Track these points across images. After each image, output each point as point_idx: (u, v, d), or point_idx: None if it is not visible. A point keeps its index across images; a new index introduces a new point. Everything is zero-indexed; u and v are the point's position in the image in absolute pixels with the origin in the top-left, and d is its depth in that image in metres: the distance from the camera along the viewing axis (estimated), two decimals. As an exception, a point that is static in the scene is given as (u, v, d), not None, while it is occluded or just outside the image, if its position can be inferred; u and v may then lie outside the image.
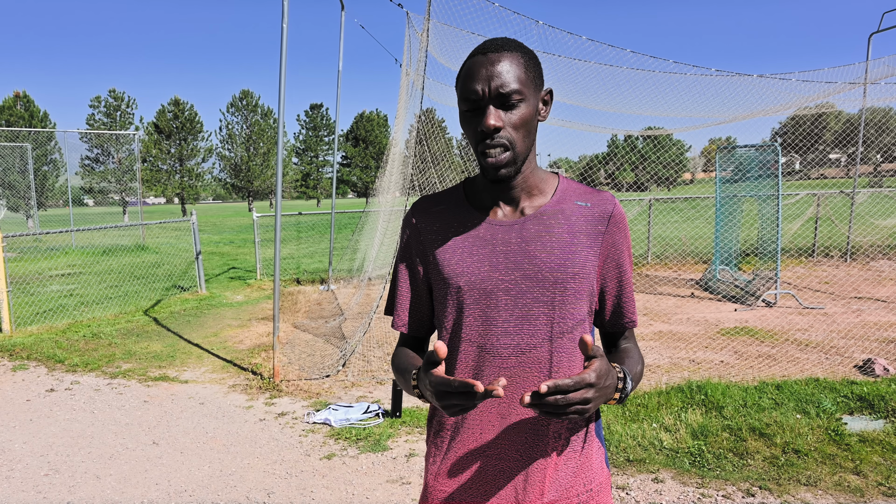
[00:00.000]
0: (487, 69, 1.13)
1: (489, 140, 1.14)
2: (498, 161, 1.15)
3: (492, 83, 1.13)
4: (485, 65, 1.14)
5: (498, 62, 1.14)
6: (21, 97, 43.45)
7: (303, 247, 17.42)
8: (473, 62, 1.16)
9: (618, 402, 1.11)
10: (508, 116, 1.15)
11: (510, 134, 1.15)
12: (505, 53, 1.15)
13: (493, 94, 1.13)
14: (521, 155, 1.18)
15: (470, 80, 1.15)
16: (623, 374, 1.12)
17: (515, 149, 1.16)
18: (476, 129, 1.16)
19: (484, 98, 1.14)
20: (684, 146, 51.65)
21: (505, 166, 1.16)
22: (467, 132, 1.20)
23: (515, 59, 1.15)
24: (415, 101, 7.07)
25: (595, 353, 1.02)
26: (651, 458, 3.62)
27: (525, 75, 1.15)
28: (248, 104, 63.08)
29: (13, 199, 23.05)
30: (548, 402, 0.96)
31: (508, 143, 1.15)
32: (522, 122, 1.16)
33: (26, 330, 7.42)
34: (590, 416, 1.28)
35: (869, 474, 3.31)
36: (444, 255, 1.27)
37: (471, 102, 1.16)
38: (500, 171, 1.17)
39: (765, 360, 5.51)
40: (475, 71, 1.15)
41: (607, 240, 1.25)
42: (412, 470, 3.62)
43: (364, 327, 6.04)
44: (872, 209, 12.66)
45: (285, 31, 5.02)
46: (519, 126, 1.16)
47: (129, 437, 4.22)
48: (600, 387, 1.01)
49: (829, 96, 10.02)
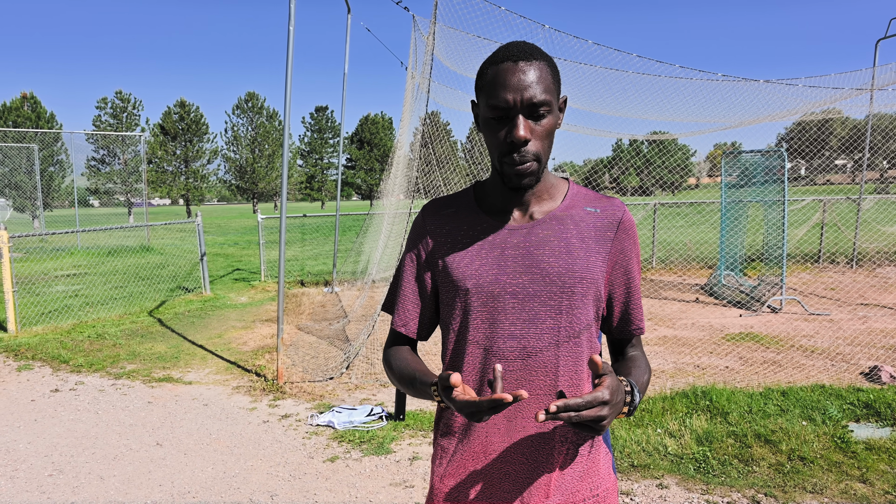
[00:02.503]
0: (519, 78, 1.11)
1: (518, 153, 1.14)
2: (525, 170, 1.15)
3: (524, 94, 1.11)
4: (515, 73, 1.12)
5: (528, 71, 1.12)
6: (28, 98, 43.69)
7: (307, 249, 17.44)
8: (503, 69, 1.13)
9: (626, 415, 1.11)
10: (536, 128, 1.14)
11: (537, 144, 1.15)
12: (534, 63, 1.13)
13: (524, 105, 1.12)
14: (544, 165, 1.19)
15: (501, 89, 1.12)
16: (630, 388, 1.12)
17: (541, 159, 1.16)
18: (502, 137, 1.15)
19: (515, 108, 1.12)
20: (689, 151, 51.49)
21: (529, 175, 1.16)
22: (490, 138, 1.18)
23: (544, 68, 1.14)
24: (420, 103, 7.07)
25: (605, 371, 1.03)
26: (655, 463, 3.60)
27: (552, 86, 1.15)
28: (253, 106, 63.27)
29: (19, 200, 23.16)
30: (561, 417, 0.97)
31: (534, 155, 1.15)
32: (548, 133, 1.16)
33: (31, 330, 7.44)
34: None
35: (875, 482, 3.28)
36: (452, 258, 1.27)
37: (500, 111, 1.14)
38: (524, 180, 1.17)
39: (770, 366, 5.49)
40: (505, 78, 1.12)
41: (616, 246, 1.25)
42: (415, 473, 3.61)
43: (368, 330, 6.03)
44: (879, 215, 12.60)
45: (292, 34, 5.04)
46: (545, 137, 1.16)
47: (133, 438, 4.22)
48: (613, 403, 1.02)
49: (835, 102, 9.99)
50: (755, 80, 8.25)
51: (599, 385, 1.01)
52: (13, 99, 43.27)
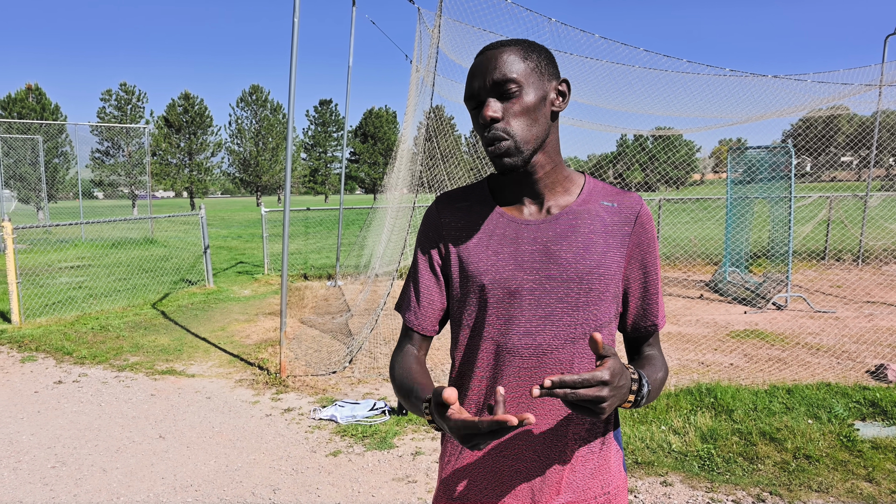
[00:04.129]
0: (485, 64, 1.15)
1: (488, 132, 1.15)
2: (498, 150, 1.14)
3: (487, 76, 1.14)
4: (483, 61, 1.16)
5: (497, 56, 1.15)
6: (33, 90, 43.74)
7: (310, 242, 17.44)
8: (474, 62, 1.19)
9: (633, 405, 1.07)
10: (507, 106, 1.15)
11: (509, 123, 1.14)
12: (504, 49, 1.16)
13: (490, 86, 1.14)
14: (526, 144, 1.16)
15: (471, 78, 1.18)
16: (638, 376, 1.08)
17: (516, 137, 1.14)
18: (479, 122, 1.17)
19: (483, 91, 1.15)
20: (694, 147, 51.35)
21: (507, 155, 1.15)
22: (476, 130, 1.20)
23: (514, 51, 1.16)
24: (424, 97, 7.03)
25: (606, 352, 0.98)
26: (660, 460, 3.58)
27: (524, 65, 1.15)
28: (257, 99, 63.26)
29: (24, 191, 23.21)
30: (556, 393, 0.92)
31: (506, 132, 1.14)
32: (523, 111, 1.14)
33: (35, 321, 7.45)
34: (609, 417, 1.25)
35: (882, 482, 3.26)
36: (467, 252, 1.24)
37: (473, 99, 1.17)
38: (504, 160, 1.15)
39: (775, 363, 5.46)
40: (475, 68, 1.17)
41: (633, 240, 1.23)
42: (418, 468, 3.60)
43: (371, 324, 6.02)
44: (885, 212, 12.52)
45: (296, 27, 5.00)
46: (519, 115, 1.14)
47: (136, 431, 4.22)
48: (614, 385, 0.96)
49: (843, 98, 9.91)
50: (764, 76, 8.19)
51: (601, 365, 0.96)
52: (18, 90, 43.35)
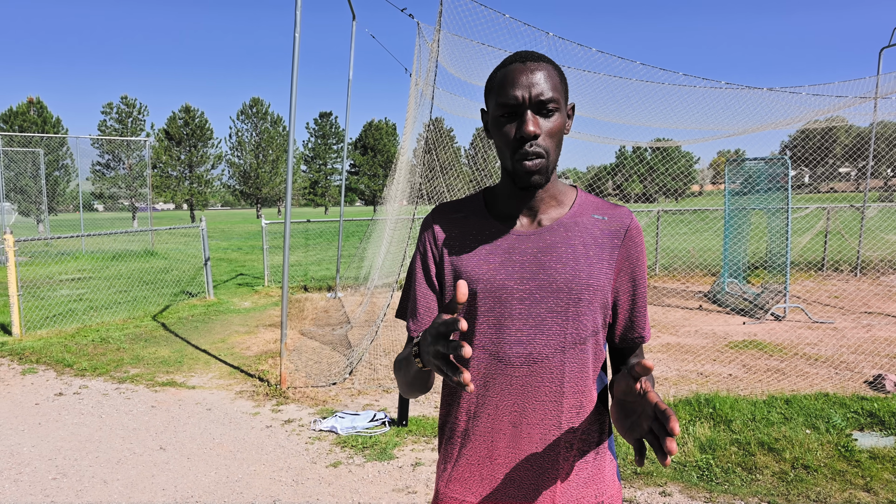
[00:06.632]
0: (528, 77, 1.16)
1: (528, 147, 1.16)
2: (534, 166, 1.17)
3: (532, 90, 1.15)
4: (524, 72, 1.16)
5: (537, 71, 1.16)
6: (34, 103, 43.96)
7: (310, 254, 17.47)
8: (512, 69, 1.18)
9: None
10: (545, 124, 1.17)
11: (546, 141, 1.17)
12: (543, 64, 1.18)
13: (532, 101, 1.15)
14: (553, 164, 1.21)
15: (510, 86, 1.16)
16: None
17: (549, 157, 1.18)
18: (512, 134, 1.18)
19: (524, 104, 1.16)
20: (693, 158, 51.53)
21: (539, 173, 1.18)
22: (500, 138, 1.20)
23: (551, 70, 1.19)
24: (424, 110, 7.10)
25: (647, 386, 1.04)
26: (658, 470, 3.59)
27: (560, 86, 1.19)
28: (258, 112, 63.55)
29: (25, 204, 23.26)
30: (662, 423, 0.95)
31: (544, 150, 1.17)
32: (557, 131, 1.18)
33: (36, 334, 7.46)
34: (603, 426, 1.28)
35: (880, 492, 3.27)
36: (460, 262, 1.28)
37: (509, 108, 1.17)
38: (534, 177, 1.18)
39: (774, 374, 5.47)
40: (515, 77, 1.17)
41: (622, 253, 1.26)
42: (418, 479, 3.61)
43: (371, 335, 6.04)
44: (883, 224, 12.58)
45: (297, 41, 5.07)
46: (554, 134, 1.18)
47: (137, 442, 4.23)
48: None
49: (839, 110, 9.99)
50: (759, 88, 8.26)
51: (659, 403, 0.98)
52: (20, 103, 43.58)
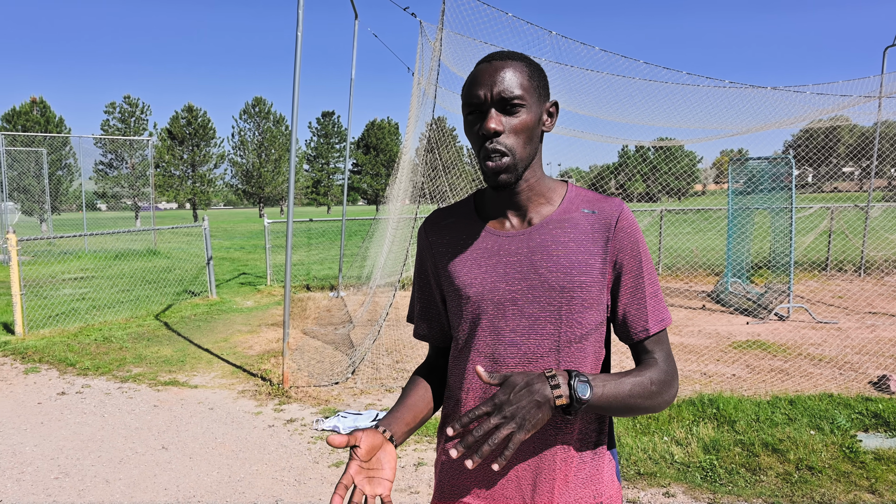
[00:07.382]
0: (491, 76, 1.16)
1: (489, 144, 1.16)
2: (498, 166, 1.16)
3: (494, 88, 1.15)
4: (488, 71, 1.16)
5: (502, 69, 1.16)
6: (37, 102, 44.06)
7: (313, 253, 17.48)
8: (478, 69, 1.18)
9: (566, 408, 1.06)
10: (509, 121, 1.16)
11: (510, 139, 1.16)
12: (509, 62, 1.17)
13: (495, 99, 1.15)
14: (522, 161, 1.18)
15: (474, 86, 1.17)
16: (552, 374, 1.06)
17: (515, 154, 1.17)
18: (477, 133, 1.18)
19: (486, 102, 1.16)
20: (696, 157, 51.46)
21: (504, 171, 1.17)
22: (470, 138, 1.21)
23: (519, 67, 1.17)
24: (426, 109, 7.10)
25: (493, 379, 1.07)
26: (662, 471, 3.58)
27: (528, 83, 1.17)
28: (260, 111, 63.64)
29: (28, 203, 23.32)
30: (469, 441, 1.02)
31: (507, 148, 1.16)
32: (523, 128, 1.17)
33: (39, 333, 7.47)
34: (600, 427, 1.26)
35: (885, 493, 3.25)
36: (453, 268, 1.28)
37: (473, 107, 1.17)
38: (500, 176, 1.17)
39: (777, 374, 5.45)
40: (479, 77, 1.17)
41: (614, 246, 1.22)
42: (420, 479, 3.60)
43: (373, 335, 6.03)
44: (887, 223, 12.54)
45: (300, 40, 5.06)
46: (519, 131, 1.16)
47: (139, 442, 4.23)
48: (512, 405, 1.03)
49: (843, 109, 9.95)
50: (762, 87, 8.24)
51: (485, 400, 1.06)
52: (23, 103, 43.68)
